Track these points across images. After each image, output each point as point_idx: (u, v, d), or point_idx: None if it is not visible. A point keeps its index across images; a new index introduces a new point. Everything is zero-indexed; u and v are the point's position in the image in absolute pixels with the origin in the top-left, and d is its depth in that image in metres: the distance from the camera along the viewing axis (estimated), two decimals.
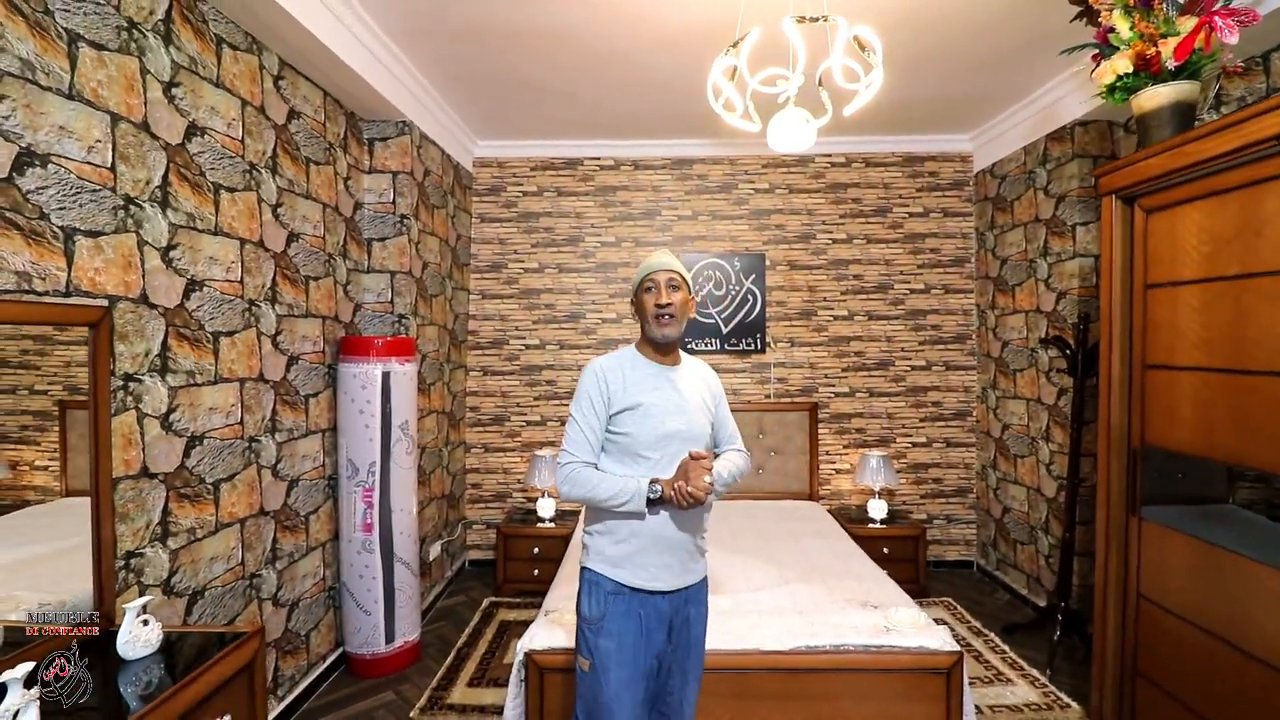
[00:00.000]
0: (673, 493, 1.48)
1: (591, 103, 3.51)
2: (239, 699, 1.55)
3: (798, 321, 4.25)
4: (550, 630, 2.27)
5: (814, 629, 2.22)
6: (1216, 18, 1.87)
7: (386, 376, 2.84)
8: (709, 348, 4.22)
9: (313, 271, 2.69)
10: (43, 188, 1.51)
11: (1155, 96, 2.03)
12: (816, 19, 1.64)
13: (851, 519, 3.87)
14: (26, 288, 1.46)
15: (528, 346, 4.33)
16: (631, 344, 1.72)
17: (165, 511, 1.89)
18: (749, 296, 4.21)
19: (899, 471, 4.20)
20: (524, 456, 4.31)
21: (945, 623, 3.24)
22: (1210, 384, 1.82)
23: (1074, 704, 2.54)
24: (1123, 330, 2.14)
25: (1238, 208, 1.74)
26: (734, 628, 2.25)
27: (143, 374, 1.80)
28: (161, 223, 1.87)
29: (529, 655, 2.19)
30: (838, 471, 4.22)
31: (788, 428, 4.12)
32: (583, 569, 1.64)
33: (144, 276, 1.81)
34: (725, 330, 4.21)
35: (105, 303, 1.66)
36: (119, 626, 1.50)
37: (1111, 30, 2.10)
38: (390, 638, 2.88)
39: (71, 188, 1.58)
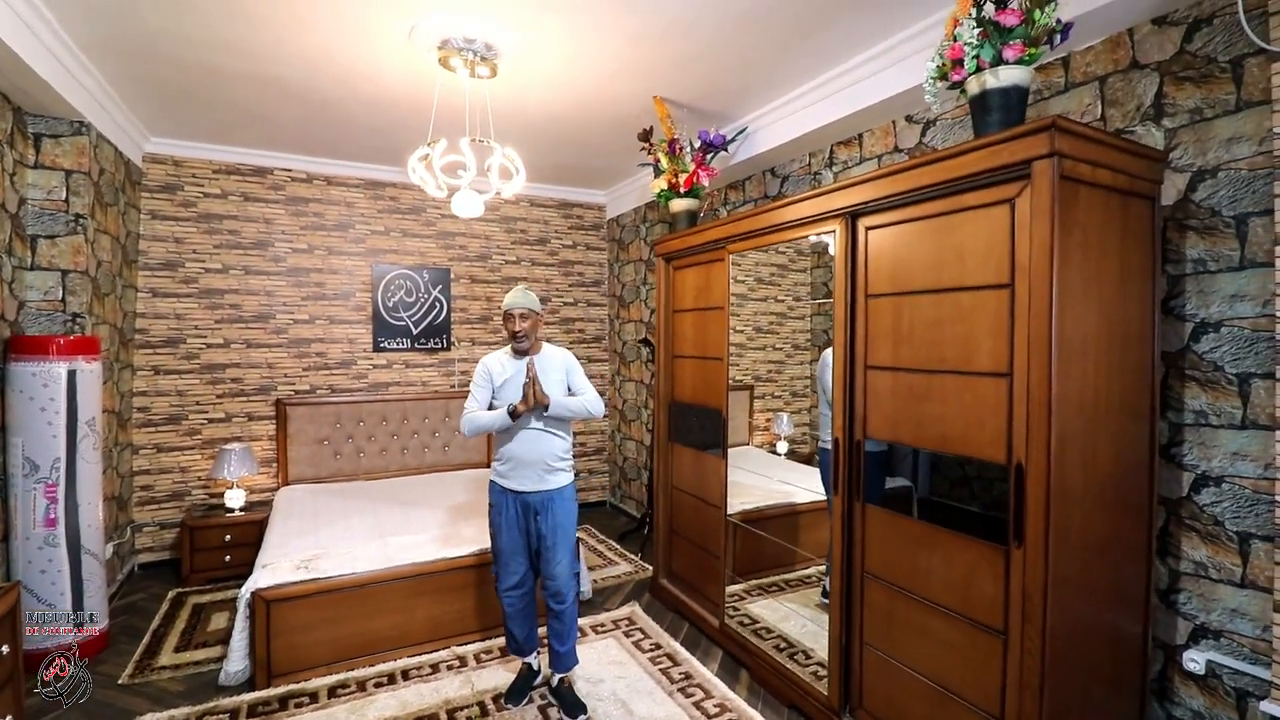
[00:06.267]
0: (522, 403, 2.50)
1: (289, 128, 3.90)
2: (6, 638, 1.86)
3: (478, 325, 5.23)
4: (271, 574, 2.83)
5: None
6: (700, 170, 3.45)
7: (73, 375, 2.92)
8: (400, 346, 4.90)
9: None
10: None
11: (678, 205, 3.56)
12: (483, 141, 2.64)
13: None
14: None
15: (209, 345, 4.40)
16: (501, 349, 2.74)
17: None
18: (436, 304, 5.02)
19: None
20: (206, 454, 4.37)
21: (581, 539, 4.60)
22: (695, 366, 3.38)
23: (650, 566, 4.07)
24: (665, 335, 3.65)
25: (706, 273, 3.30)
26: (426, 551, 3.14)
27: None
28: None
29: (255, 594, 2.73)
30: None
31: None
32: (490, 480, 2.69)
33: None
34: (415, 331, 4.95)
35: None
36: None
37: (658, 161, 3.59)
38: (79, 626, 2.95)
39: None
